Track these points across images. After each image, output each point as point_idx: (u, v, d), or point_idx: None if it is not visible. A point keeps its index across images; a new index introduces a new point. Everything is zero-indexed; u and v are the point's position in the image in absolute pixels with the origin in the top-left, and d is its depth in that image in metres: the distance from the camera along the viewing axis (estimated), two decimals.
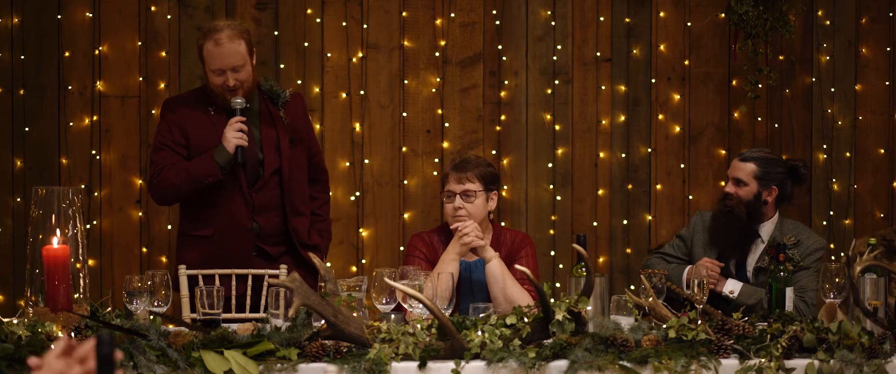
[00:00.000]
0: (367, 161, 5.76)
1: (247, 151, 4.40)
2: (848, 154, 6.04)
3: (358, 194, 5.76)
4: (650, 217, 5.93)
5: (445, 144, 5.81)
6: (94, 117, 5.59)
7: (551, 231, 5.87)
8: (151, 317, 3.36)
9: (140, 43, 5.61)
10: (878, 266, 3.73)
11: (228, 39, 4.33)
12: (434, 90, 5.79)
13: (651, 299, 3.59)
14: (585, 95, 5.89)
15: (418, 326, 3.35)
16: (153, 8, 5.61)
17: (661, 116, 5.94)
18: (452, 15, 5.78)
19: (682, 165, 5.96)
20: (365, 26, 5.74)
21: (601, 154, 5.90)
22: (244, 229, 4.46)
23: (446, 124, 5.81)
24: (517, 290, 4.16)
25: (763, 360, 3.36)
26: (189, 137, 4.43)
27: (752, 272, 4.55)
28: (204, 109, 4.46)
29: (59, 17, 5.56)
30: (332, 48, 5.73)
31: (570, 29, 5.86)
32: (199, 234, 4.49)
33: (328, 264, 4.54)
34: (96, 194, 5.59)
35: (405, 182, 5.79)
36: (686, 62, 5.94)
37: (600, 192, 5.90)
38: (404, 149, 5.79)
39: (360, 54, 5.75)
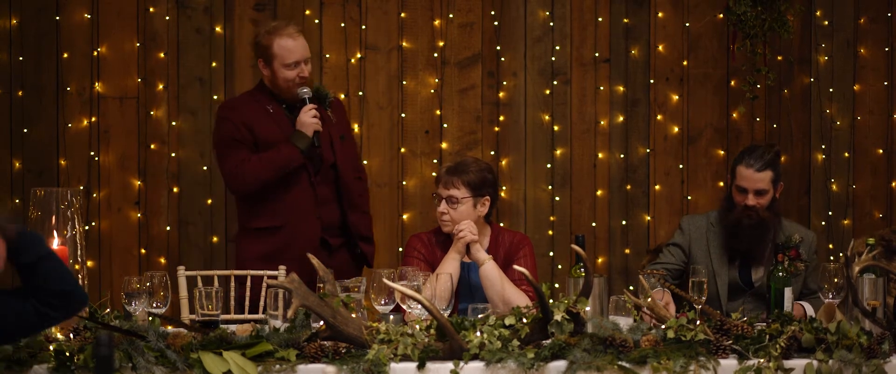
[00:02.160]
0: (365, 162, 5.76)
1: (320, 137, 4.61)
2: (846, 154, 6.04)
3: None
4: (649, 218, 5.93)
5: (444, 145, 5.81)
6: (93, 118, 5.59)
7: (550, 232, 5.87)
8: (150, 318, 3.37)
9: (138, 44, 5.61)
10: (877, 266, 3.73)
11: (298, 33, 4.62)
12: (433, 91, 5.79)
13: (650, 299, 3.59)
14: (584, 95, 5.89)
15: (417, 326, 3.35)
16: (151, 9, 5.61)
17: (659, 117, 5.94)
18: (451, 16, 5.78)
19: (681, 166, 5.96)
20: (363, 27, 5.74)
21: (600, 155, 5.90)
22: (312, 219, 4.63)
23: (445, 125, 5.81)
24: (514, 292, 4.16)
25: (762, 360, 3.37)
26: (256, 133, 4.59)
27: (766, 276, 4.50)
28: (263, 109, 4.64)
29: (57, 18, 5.55)
30: (330, 49, 5.73)
31: (568, 29, 5.86)
32: (267, 225, 4.62)
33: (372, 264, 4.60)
34: (95, 195, 5.59)
35: (404, 183, 5.79)
36: (684, 63, 5.94)
37: (599, 192, 5.90)
38: (403, 150, 5.79)
39: (359, 55, 5.75)
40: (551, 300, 3.39)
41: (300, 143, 4.56)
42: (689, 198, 5.95)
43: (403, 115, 5.78)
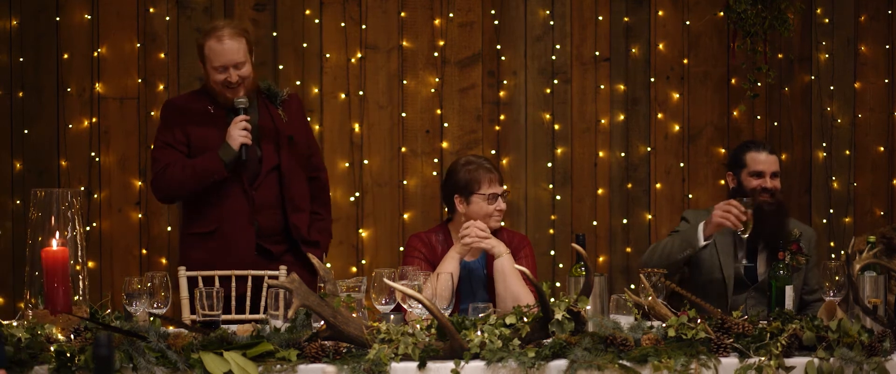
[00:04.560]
0: (366, 162, 5.76)
1: (250, 149, 4.47)
2: (847, 152, 6.04)
3: (357, 194, 5.76)
4: (650, 216, 5.93)
5: (445, 145, 5.81)
6: (93, 119, 5.59)
7: (551, 231, 5.86)
8: (151, 319, 3.36)
9: (139, 44, 5.61)
10: (878, 264, 3.73)
11: (229, 37, 4.44)
12: (433, 90, 5.79)
13: (650, 298, 3.58)
14: (584, 94, 5.89)
15: (418, 326, 3.35)
16: (152, 9, 5.61)
17: (660, 115, 5.94)
18: (451, 15, 5.78)
19: (682, 165, 5.96)
20: (363, 27, 5.74)
21: (600, 153, 5.90)
22: (246, 226, 4.50)
23: (445, 124, 5.80)
24: (523, 288, 4.16)
25: (763, 358, 3.36)
26: (190, 135, 4.49)
27: (772, 269, 4.47)
28: (204, 109, 4.53)
29: (57, 18, 5.56)
30: (330, 49, 5.73)
31: (568, 28, 5.86)
32: (201, 231, 4.52)
33: (328, 265, 4.55)
34: (96, 195, 5.59)
35: (404, 182, 5.79)
36: (685, 61, 5.94)
37: (600, 191, 5.90)
38: (403, 149, 5.79)
39: (359, 55, 5.75)
40: (552, 299, 3.39)
41: (226, 156, 4.43)
42: (690, 196, 5.95)
43: (404, 114, 5.78)
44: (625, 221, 5.92)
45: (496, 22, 5.81)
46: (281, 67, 5.68)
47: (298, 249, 4.57)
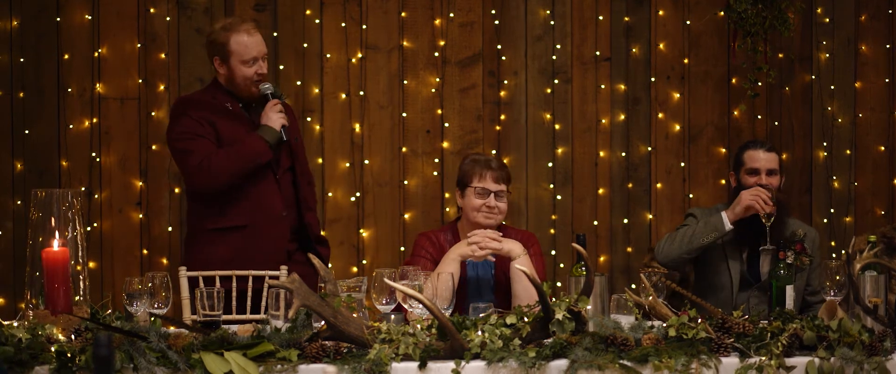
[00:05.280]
0: (367, 162, 5.76)
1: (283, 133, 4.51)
2: (848, 152, 6.04)
3: (358, 194, 5.76)
4: (650, 216, 5.93)
5: (445, 144, 5.80)
6: (94, 119, 5.59)
7: (552, 231, 5.86)
8: (151, 319, 3.36)
9: (139, 45, 5.61)
10: (878, 264, 3.73)
11: (255, 29, 4.53)
12: (433, 90, 5.79)
13: (651, 297, 3.58)
14: (585, 94, 5.89)
15: (418, 326, 3.35)
16: (152, 10, 5.61)
17: (660, 115, 5.94)
18: (451, 15, 5.77)
19: (683, 164, 5.96)
20: (364, 27, 5.74)
21: (601, 153, 5.90)
22: (279, 220, 4.51)
23: (446, 124, 5.80)
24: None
25: (763, 358, 3.36)
26: (218, 129, 4.47)
27: (773, 269, 4.48)
28: (222, 106, 4.53)
29: (58, 19, 5.56)
30: (331, 49, 5.73)
31: (568, 28, 5.86)
32: (229, 225, 4.48)
33: (329, 265, 4.55)
34: (96, 196, 5.59)
35: (405, 182, 5.79)
36: (685, 61, 5.94)
37: (600, 191, 5.90)
38: (404, 149, 5.79)
39: (360, 55, 5.75)
40: (553, 299, 3.39)
41: (268, 136, 4.45)
42: (691, 196, 5.95)
43: (404, 114, 5.78)
44: (625, 220, 5.92)
45: (496, 22, 5.81)
46: (281, 67, 5.68)
47: (307, 248, 4.58)
